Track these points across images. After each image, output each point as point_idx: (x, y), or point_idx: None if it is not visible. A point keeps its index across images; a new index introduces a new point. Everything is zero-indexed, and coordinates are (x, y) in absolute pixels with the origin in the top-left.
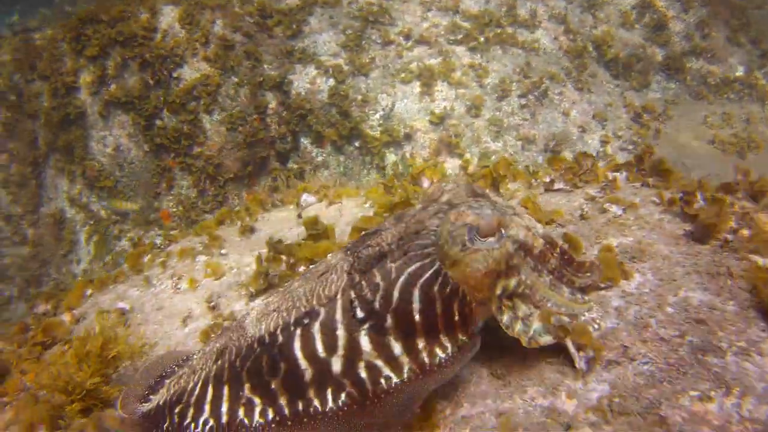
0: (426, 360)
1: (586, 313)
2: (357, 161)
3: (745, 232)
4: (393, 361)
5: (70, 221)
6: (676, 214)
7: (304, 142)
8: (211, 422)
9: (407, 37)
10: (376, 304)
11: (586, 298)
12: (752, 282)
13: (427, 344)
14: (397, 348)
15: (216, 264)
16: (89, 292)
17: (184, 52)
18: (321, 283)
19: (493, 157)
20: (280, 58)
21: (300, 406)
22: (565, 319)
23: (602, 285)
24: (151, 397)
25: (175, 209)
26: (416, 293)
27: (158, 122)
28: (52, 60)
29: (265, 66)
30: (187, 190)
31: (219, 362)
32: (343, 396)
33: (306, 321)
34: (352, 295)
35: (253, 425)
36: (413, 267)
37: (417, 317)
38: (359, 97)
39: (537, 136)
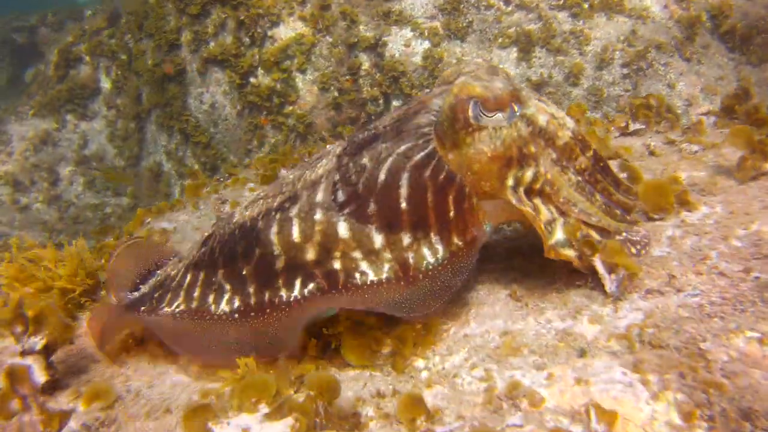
0: (411, 261)
1: (625, 233)
2: None
3: None
4: (372, 255)
5: (166, 174)
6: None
7: (396, 104)
8: (182, 306)
9: (507, 1)
10: (360, 186)
11: (628, 217)
12: None
13: (413, 241)
14: (378, 240)
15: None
16: (148, 220)
17: (281, 11)
18: (311, 168)
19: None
20: (376, 20)
21: (266, 296)
22: (595, 235)
23: (655, 216)
24: (140, 286)
25: None
26: (404, 176)
27: (252, 80)
28: (158, 19)
29: (361, 27)
30: (277, 148)
31: (202, 249)
32: (311, 286)
33: (287, 206)
34: (336, 177)
35: (218, 313)
36: (404, 147)
37: (403, 205)
38: (454, 61)
39: None
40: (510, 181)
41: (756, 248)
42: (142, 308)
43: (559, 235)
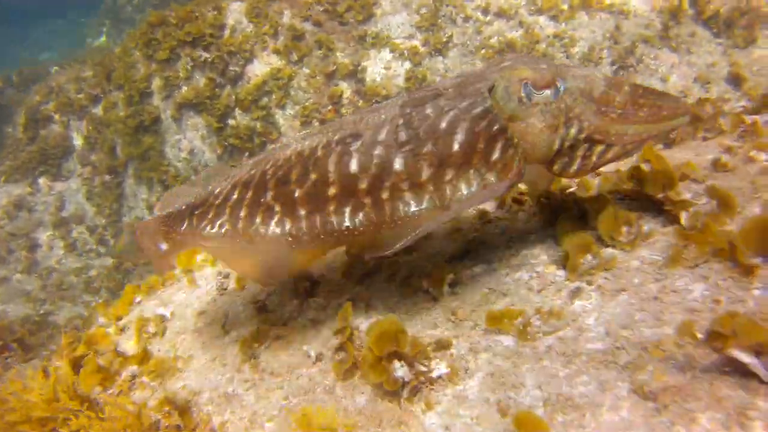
0: (448, 192)
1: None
2: None
3: None
4: (418, 187)
5: None
6: None
7: None
8: (227, 226)
9: (485, 11)
10: (421, 131)
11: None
12: None
13: (455, 176)
14: (426, 173)
15: None
16: (138, 298)
17: (253, 47)
18: (372, 113)
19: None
20: (353, 45)
21: (317, 221)
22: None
23: None
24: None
25: None
26: (463, 125)
27: (230, 122)
28: (126, 68)
29: (338, 54)
30: None
31: (252, 171)
32: (360, 216)
33: (348, 140)
34: (400, 121)
35: (268, 234)
36: (465, 103)
37: (456, 147)
38: (438, 79)
39: None
40: (557, 144)
41: None
42: (183, 227)
43: None
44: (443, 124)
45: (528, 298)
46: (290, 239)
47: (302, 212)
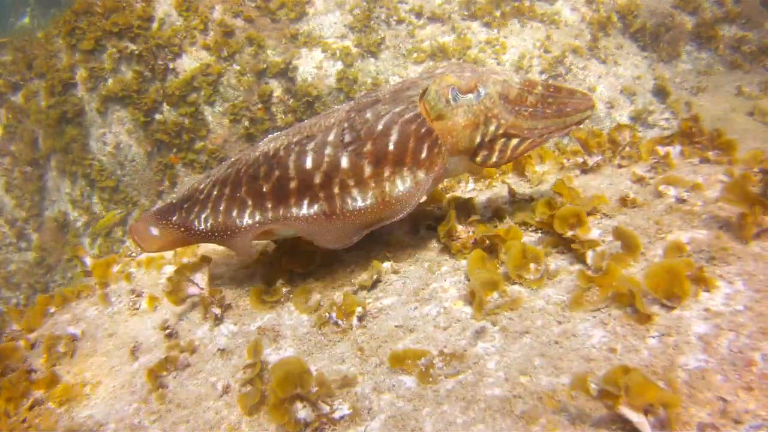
0: (387, 188)
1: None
2: None
3: None
4: (362, 184)
5: (73, 224)
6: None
7: None
8: (211, 220)
9: (419, 14)
10: (362, 133)
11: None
12: None
13: (392, 173)
14: (368, 170)
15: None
16: (52, 309)
17: (182, 41)
18: (324, 118)
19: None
20: (284, 43)
21: (281, 211)
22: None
23: (667, 303)
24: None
25: None
26: (396, 127)
27: (158, 116)
28: (48, 56)
29: (269, 51)
30: None
31: (229, 170)
32: (315, 207)
33: (304, 142)
34: (345, 125)
35: (243, 224)
36: (399, 108)
37: (391, 147)
38: (369, 81)
39: None
40: (478, 139)
41: None
42: (174, 218)
43: None
44: (380, 126)
45: (434, 336)
46: (260, 228)
47: (269, 204)
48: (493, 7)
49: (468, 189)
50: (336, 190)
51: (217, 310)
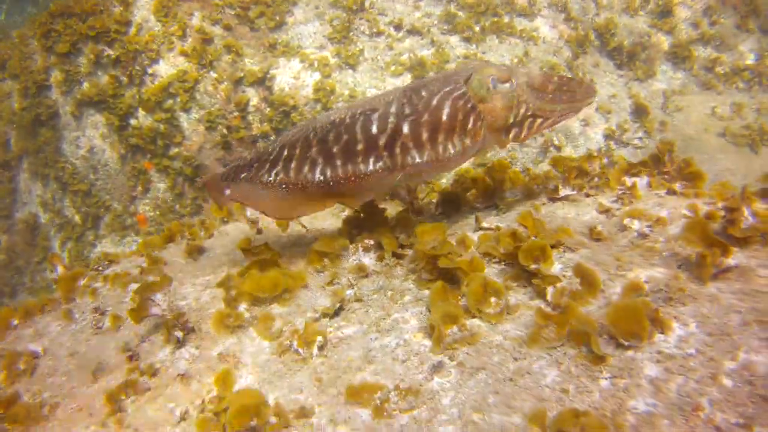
0: (440, 150)
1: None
2: None
3: None
4: (419, 146)
5: (44, 227)
6: (719, 233)
7: None
8: (282, 174)
9: (398, 27)
10: (419, 107)
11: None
12: None
13: (444, 139)
14: (425, 135)
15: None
16: (15, 322)
17: (159, 47)
18: (382, 96)
19: (489, 154)
20: (263, 52)
21: (350, 168)
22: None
23: (626, 343)
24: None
25: (152, 213)
26: (448, 103)
27: (133, 122)
28: (22, 58)
29: (247, 60)
30: (164, 193)
31: (295, 136)
32: (380, 163)
33: (368, 113)
34: (404, 100)
35: (315, 179)
36: (449, 88)
37: (444, 118)
38: (346, 92)
39: None
40: (511, 119)
41: (751, 387)
42: (243, 175)
43: None
44: (435, 102)
45: (392, 368)
46: (331, 183)
47: (338, 162)
48: (473, 22)
49: (437, 213)
50: (398, 150)
51: (179, 334)
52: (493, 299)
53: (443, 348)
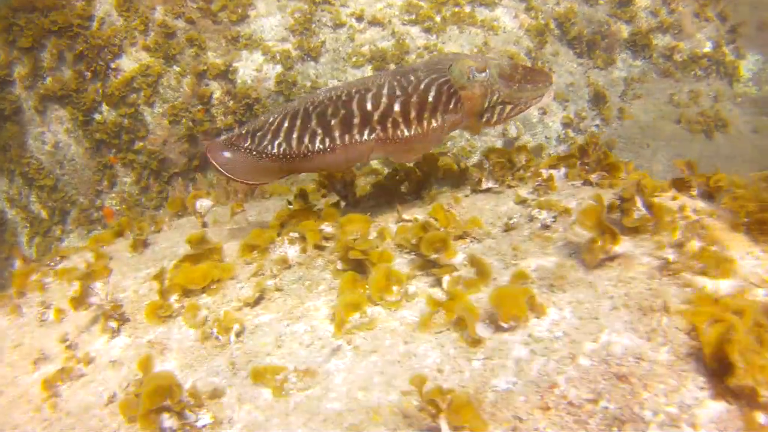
0: (425, 125)
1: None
2: None
3: (695, 244)
4: (408, 122)
5: (10, 222)
6: (616, 223)
7: None
8: (284, 145)
9: (360, 18)
10: (410, 89)
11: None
12: (691, 320)
13: (429, 116)
14: (413, 113)
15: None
16: None
17: (122, 42)
18: (373, 78)
19: (449, 143)
20: (225, 45)
21: (347, 138)
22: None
23: (505, 326)
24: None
25: (118, 207)
26: (434, 87)
27: (97, 116)
28: None
29: (209, 53)
30: (129, 187)
31: (295, 109)
32: (373, 134)
33: (363, 92)
34: (395, 83)
35: (315, 149)
36: (435, 74)
37: (430, 99)
38: (308, 84)
39: None
40: (486, 103)
41: (605, 366)
42: (246, 144)
43: None
44: (422, 86)
45: (296, 352)
46: (329, 150)
47: (337, 134)
48: (434, 13)
49: (370, 205)
50: (389, 125)
51: (114, 324)
52: (395, 287)
53: (344, 333)
